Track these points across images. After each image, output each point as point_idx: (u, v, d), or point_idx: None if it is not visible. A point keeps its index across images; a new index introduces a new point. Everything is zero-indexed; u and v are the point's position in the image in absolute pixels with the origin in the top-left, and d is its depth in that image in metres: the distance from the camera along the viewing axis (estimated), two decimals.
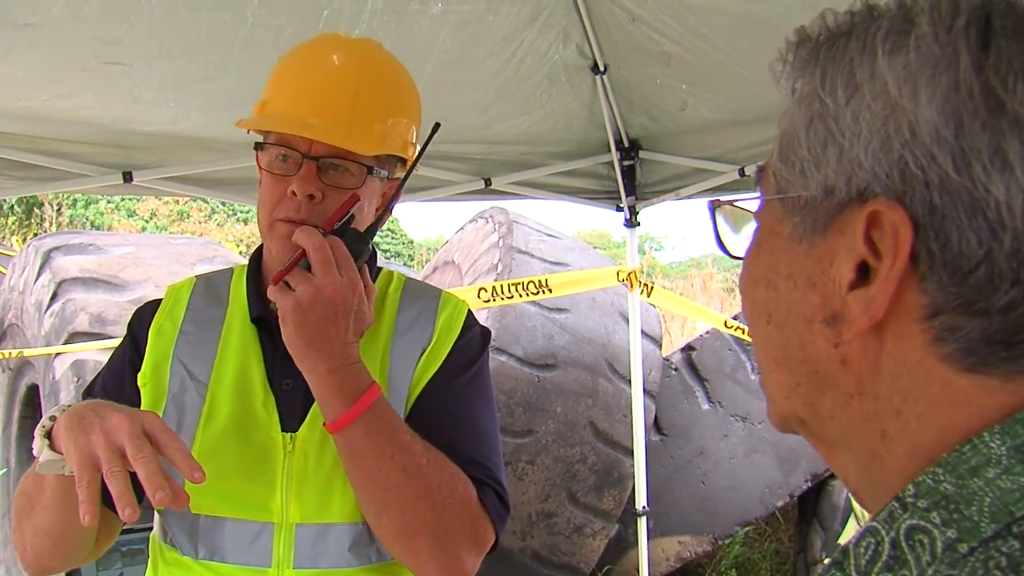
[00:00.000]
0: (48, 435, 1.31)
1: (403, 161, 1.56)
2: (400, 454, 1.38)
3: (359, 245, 1.42)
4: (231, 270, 1.69)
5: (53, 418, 1.32)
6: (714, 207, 0.76)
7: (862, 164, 0.61)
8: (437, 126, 1.52)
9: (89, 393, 1.59)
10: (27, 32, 2.32)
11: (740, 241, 0.75)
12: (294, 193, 1.44)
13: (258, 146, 1.50)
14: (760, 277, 0.70)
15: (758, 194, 0.73)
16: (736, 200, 0.76)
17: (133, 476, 1.29)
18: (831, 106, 0.63)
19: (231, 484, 1.46)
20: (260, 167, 1.50)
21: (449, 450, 1.45)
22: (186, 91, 2.81)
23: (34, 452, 1.33)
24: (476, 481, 1.46)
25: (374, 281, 1.63)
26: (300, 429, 1.47)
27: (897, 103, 0.59)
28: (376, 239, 1.66)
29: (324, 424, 1.41)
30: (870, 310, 0.60)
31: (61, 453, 1.28)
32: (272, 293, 1.38)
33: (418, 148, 1.55)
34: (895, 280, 0.59)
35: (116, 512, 1.48)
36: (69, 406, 1.32)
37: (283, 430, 1.48)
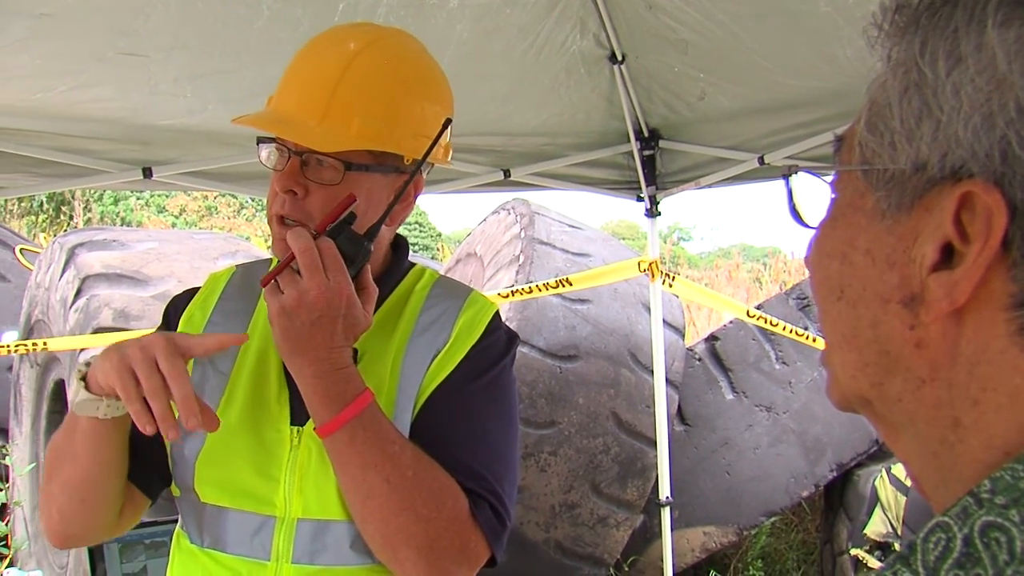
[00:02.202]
0: (84, 378, 1.35)
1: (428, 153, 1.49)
2: (384, 464, 1.36)
3: (353, 247, 1.37)
4: (270, 261, 1.68)
5: (88, 363, 1.36)
6: (789, 174, 0.72)
7: (960, 141, 0.57)
8: (448, 122, 1.48)
9: None
10: (43, 22, 2.33)
11: (814, 212, 0.71)
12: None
13: (260, 140, 1.50)
14: (835, 251, 0.67)
15: (836, 165, 0.69)
16: (814, 168, 0.72)
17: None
18: (930, 77, 0.59)
19: (238, 475, 1.46)
20: (261, 161, 1.50)
21: (448, 459, 1.43)
22: (203, 83, 2.83)
23: (69, 398, 1.36)
24: (472, 493, 1.42)
25: (403, 277, 1.61)
26: (306, 424, 1.46)
27: (1005, 78, 0.55)
28: (404, 232, 1.64)
29: (313, 428, 1.40)
30: (952, 295, 0.57)
31: (97, 395, 1.32)
32: (264, 294, 1.38)
33: (436, 135, 1.49)
34: (983, 266, 0.56)
35: (143, 479, 1.53)
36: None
37: (292, 423, 1.47)
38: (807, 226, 0.72)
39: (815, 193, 0.72)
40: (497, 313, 1.61)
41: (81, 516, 1.49)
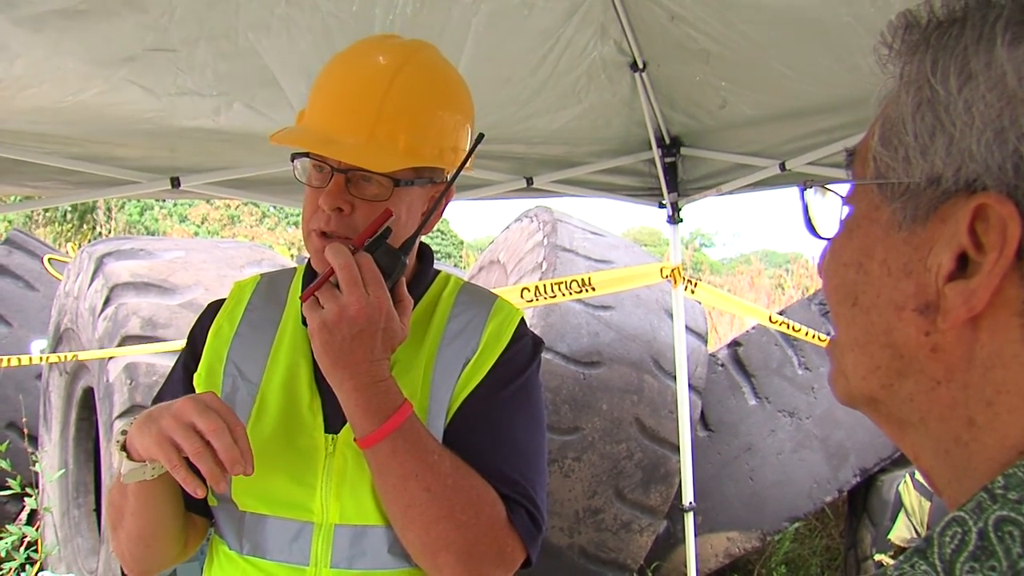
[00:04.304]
0: (124, 448, 1.39)
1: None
2: (425, 474, 1.39)
3: (390, 262, 1.40)
4: (294, 270, 1.71)
5: (124, 432, 1.40)
6: (804, 188, 0.74)
7: (973, 155, 0.59)
8: (480, 137, 1.50)
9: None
10: (75, 21, 2.34)
11: (828, 223, 0.74)
12: None
13: (294, 156, 1.52)
14: (851, 261, 0.69)
15: (849, 178, 0.71)
16: (828, 183, 0.74)
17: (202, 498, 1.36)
18: (942, 94, 0.62)
19: (275, 483, 1.49)
20: (296, 177, 1.52)
21: (483, 466, 1.46)
22: (226, 75, 2.79)
23: (115, 466, 1.40)
24: (507, 499, 1.46)
25: (429, 284, 1.63)
26: (341, 431, 1.48)
27: (1015, 95, 0.58)
28: (427, 240, 1.66)
29: (354, 439, 1.43)
30: (970, 303, 0.59)
31: (139, 460, 1.36)
32: (304, 309, 1.40)
33: (469, 148, 1.53)
34: (999, 275, 0.58)
35: (202, 507, 1.57)
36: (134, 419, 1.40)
37: (326, 431, 1.49)
38: (822, 238, 0.74)
39: (830, 204, 0.74)
40: (523, 320, 1.63)
41: (149, 557, 1.55)
